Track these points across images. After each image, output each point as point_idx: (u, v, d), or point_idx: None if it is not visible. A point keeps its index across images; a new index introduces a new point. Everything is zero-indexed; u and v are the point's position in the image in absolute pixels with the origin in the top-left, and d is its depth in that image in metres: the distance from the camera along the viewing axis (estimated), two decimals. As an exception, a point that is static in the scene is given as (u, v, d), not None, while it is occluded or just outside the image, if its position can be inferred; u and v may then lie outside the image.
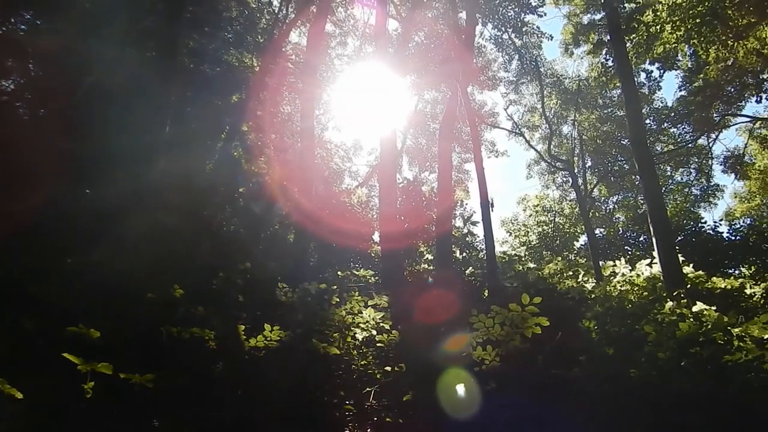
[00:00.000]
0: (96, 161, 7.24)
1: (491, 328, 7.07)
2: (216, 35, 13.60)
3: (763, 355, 6.12)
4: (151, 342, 5.70)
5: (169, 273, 7.08)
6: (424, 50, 24.47)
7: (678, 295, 10.85)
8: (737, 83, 24.17)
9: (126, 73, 7.66)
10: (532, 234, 34.29)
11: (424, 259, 19.61)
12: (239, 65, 15.30)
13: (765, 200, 33.48)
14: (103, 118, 7.45)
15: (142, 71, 8.07)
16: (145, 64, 8.43)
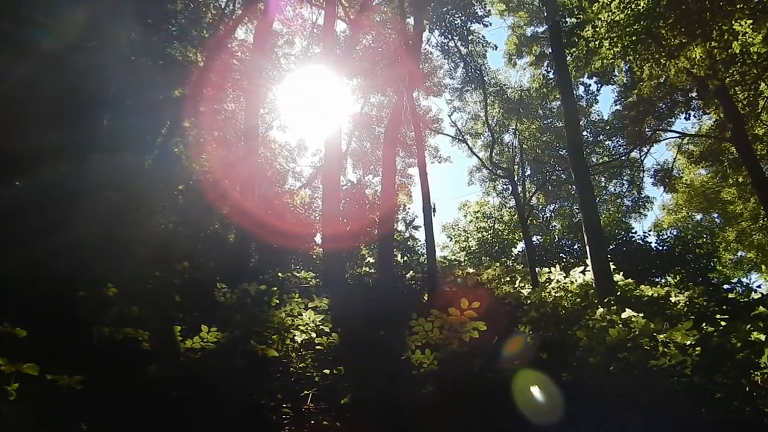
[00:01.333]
0: (23, 156, 6.95)
1: (430, 332, 7.15)
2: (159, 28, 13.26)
3: (685, 360, 6.42)
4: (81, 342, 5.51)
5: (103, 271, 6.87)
6: (371, 53, 24.55)
7: (609, 302, 11.25)
8: (668, 100, 25.29)
9: (60, 65, 7.37)
10: (472, 239, 34.85)
11: (366, 262, 19.66)
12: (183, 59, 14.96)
13: (690, 213, 35.12)
14: (32, 111, 7.14)
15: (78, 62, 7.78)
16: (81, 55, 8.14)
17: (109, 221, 7.77)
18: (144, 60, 12.29)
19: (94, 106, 7.71)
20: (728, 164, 26.95)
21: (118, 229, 8.05)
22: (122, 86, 10.09)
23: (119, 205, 8.56)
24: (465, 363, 7.19)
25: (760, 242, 31.58)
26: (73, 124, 7.12)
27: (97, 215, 7.32)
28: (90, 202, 7.13)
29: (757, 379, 6.71)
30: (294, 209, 23.31)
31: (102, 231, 7.48)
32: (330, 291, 12.27)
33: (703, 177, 32.04)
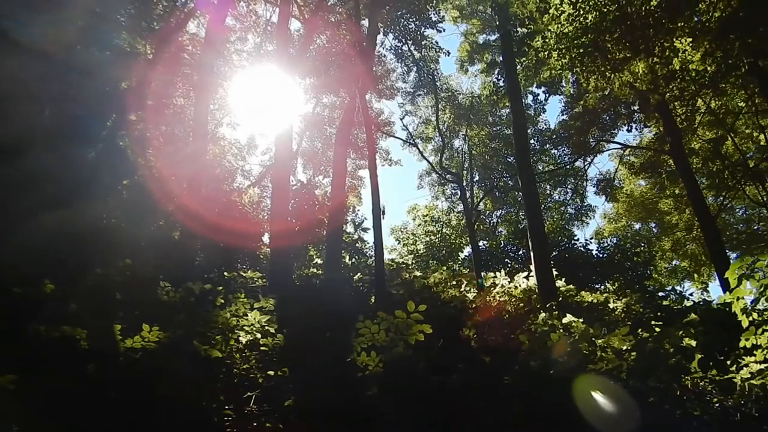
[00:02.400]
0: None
1: (376, 335, 7.18)
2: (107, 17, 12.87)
3: (621, 365, 6.65)
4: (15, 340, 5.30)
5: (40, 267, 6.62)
6: (325, 54, 24.45)
7: (550, 307, 11.54)
8: (612, 112, 26.12)
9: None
10: (420, 243, 35.14)
11: (314, 263, 19.57)
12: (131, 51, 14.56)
13: (630, 222, 36.34)
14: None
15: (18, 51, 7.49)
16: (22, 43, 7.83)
17: (47, 216, 7.50)
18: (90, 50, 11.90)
19: (34, 97, 7.43)
20: (666, 176, 28.05)
21: (57, 224, 7.77)
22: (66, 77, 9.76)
23: (59, 199, 8.26)
24: (410, 365, 7.25)
25: (693, 252, 32.92)
26: (9, 116, 6.85)
27: (34, 209, 7.07)
28: (28, 197, 6.87)
29: (687, 384, 7.00)
30: (242, 208, 22.98)
31: (39, 226, 7.21)
32: (276, 291, 12.16)
33: (643, 188, 33.22)
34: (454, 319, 11.95)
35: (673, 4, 12.09)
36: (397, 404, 6.41)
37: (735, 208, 32.75)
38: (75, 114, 10.20)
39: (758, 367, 6.80)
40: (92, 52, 12.21)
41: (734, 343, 7.33)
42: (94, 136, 11.75)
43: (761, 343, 6.85)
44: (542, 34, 16.20)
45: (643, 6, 12.58)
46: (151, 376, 6.16)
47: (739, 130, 26.74)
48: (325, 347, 8.30)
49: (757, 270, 6.97)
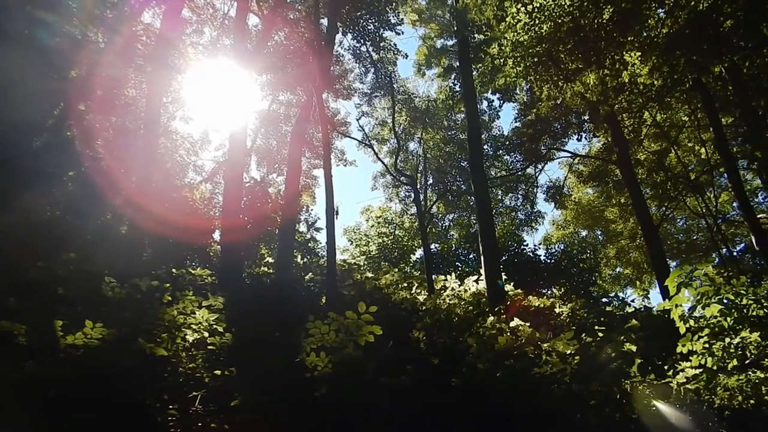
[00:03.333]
0: None
1: (326, 335, 7.17)
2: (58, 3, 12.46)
3: (565, 368, 6.82)
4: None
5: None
6: (283, 51, 24.23)
7: (498, 310, 11.73)
8: (563, 121, 26.74)
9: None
10: (373, 244, 35.19)
11: (265, 262, 19.37)
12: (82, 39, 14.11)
13: (577, 229, 37.28)
14: None
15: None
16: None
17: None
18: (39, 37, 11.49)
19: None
20: (612, 185, 28.86)
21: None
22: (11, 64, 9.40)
23: (0, 189, 7.96)
24: (359, 366, 7.26)
25: (636, 260, 33.98)
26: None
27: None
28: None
29: (626, 387, 7.24)
30: (193, 204, 22.56)
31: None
32: (226, 290, 12.01)
33: (590, 196, 34.11)
34: (405, 320, 12.01)
35: (624, 19, 12.44)
36: (345, 405, 6.41)
37: (676, 219, 33.98)
38: (19, 102, 9.84)
39: (693, 372, 7.09)
40: (41, 39, 11.80)
41: (672, 348, 7.62)
42: (39, 125, 11.35)
43: (696, 349, 7.14)
44: (498, 41, 16.44)
45: (596, 19, 12.90)
46: (92, 373, 6.00)
47: (682, 144, 27.79)
48: (275, 347, 8.24)
49: (695, 279, 7.26)
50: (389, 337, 8.40)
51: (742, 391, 6.94)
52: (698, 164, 27.83)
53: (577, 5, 12.56)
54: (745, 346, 6.96)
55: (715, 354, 6.99)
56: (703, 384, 7.00)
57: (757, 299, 6.88)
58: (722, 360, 6.98)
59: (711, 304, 7.06)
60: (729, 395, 7.02)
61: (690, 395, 6.91)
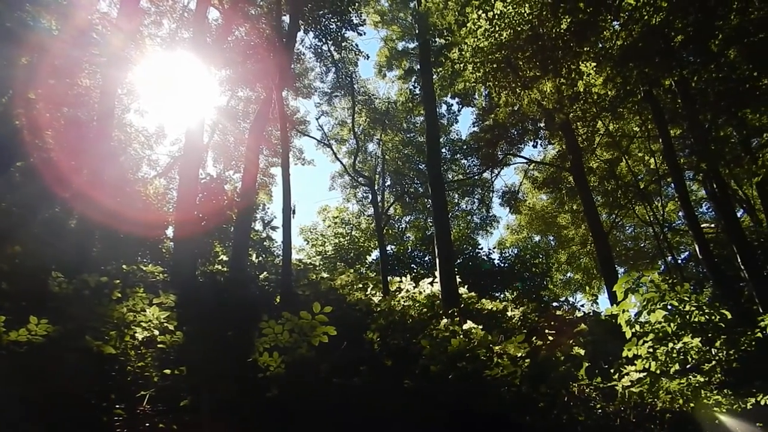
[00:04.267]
0: None
1: (280, 335, 7.11)
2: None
3: (516, 371, 6.94)
4: None
5: None
6: (243, 46, 23.92)
7: (452, 313, 11.84)
8: (520, 127, 27.20)
9: None
10: (329, 244, 35.09)
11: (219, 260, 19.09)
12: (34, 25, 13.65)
13: (530, 234, 37.97)
14: None
15: None
16: None
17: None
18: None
19: None
20: (566, 192, 29.52)
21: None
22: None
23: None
24: (312, 367, 7.23)
25: (586, 265, 34.84)
26: None
27: None
28: None
29: (574, 390, 7.42)
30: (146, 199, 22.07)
31: None
32: (178, 287, 11.79)
33: (544, 202, 34.80)
34: (359, 321, 12.01)
35: (580, 29, 12.72)
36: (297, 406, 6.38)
37: (625, 226, 35.00)
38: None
39: (637, 376, 7.31)
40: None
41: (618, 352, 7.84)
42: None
43: (641, 354, 7.37)
44: (459, 46, 16.58)
45: (554, 28, 13.15)
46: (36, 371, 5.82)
47: (633, 153, 28.66)
48: (227, 347, 8.14)
49: (642, 285, 7.50)
50: (343, 338, 8.39)
51: (683, 395, 7.19)
52: (647, 174, 28.73)
53: (536, 14, 12.79)
54: (686, 351, 7.22)
55: (659, 358, 7.24)
56: (647, 387, 7.22)
57: (699, 306, 7.15)
58: (665, 364, 7.23)
59: (656, 310, 7.30)
60: (671, 398, 7.27)
61: (634, 398, 7.12)
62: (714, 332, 7.30)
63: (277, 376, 6.84)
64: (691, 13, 11.27)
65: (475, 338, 7.84)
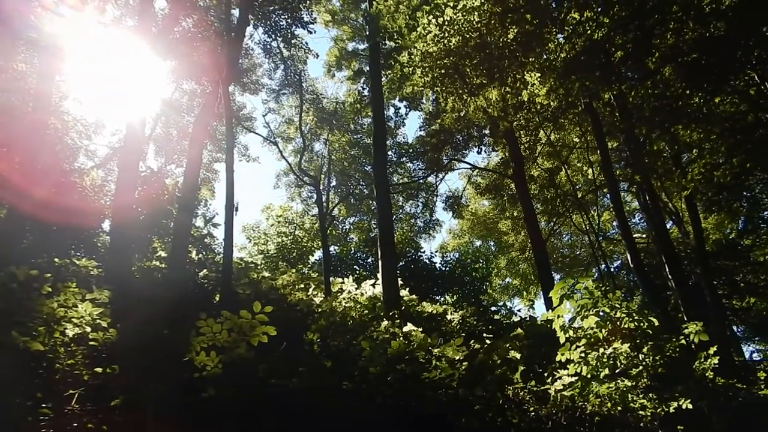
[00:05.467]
0: None
1: (218, 334, 7.00)
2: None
3: (453, 374, 7.04)
4: None
5: None
6: (190, 38, 23.35)
7: (393, 315, 11.93)
8: (465, 133, 27.65)
9: None
10: (272, 243, 34.67)
11: (157, 256, 18.59)
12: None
13: (472, 239, 38.64)
14: None
15: None
16: None
17: None
18: None
19: None
20: (507, 199, 30.21)
21: None
22: None
23: None
24: (250, 368, 7.15)
25: (524, 271, 35.75)
26: None
27: None
28: None
29: (509, 393, 7.59)
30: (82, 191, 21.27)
31: None
32: (113, 283, 11.43)
33: (486, 208, 35.49)
34: (300, 322, 11.95)
35: (527, 40, 13.03)
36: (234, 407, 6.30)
37: (562, 234, 36.08)
38: None
39: (569, 380, 7.55)
40: None
41: (553, 357, 8.08)
42: None
43: (574, 358, 7.62)
44: (409, 50, 16.73)
45: (501, 38, 13.44)
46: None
47: (572, 163, 29.59)
48: (162, 345, 7.94)
49: (577, 291, 7.75)
50: (283, 339, 8.33)
51: (611, 398, 7.48)
52: (585, 184, 29.72)
53: (484, 23, 13.04)
54: (616, 356, 7.50)
55: (590, 363, 7.50)
56: (578, 391, 7.47)
57: (629, 313, 7.45)
58: (596, 369, 7.50)
59: (589, 316, 7.56)
60: (600, 402, 7.54)
61: (566, 401, 7.35)
62: (642, 338, 7.61)
63: (214, 376, 6.73)
64: (630, 31, 11.71)
65: (414, 341, 7.92)
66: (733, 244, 26.06)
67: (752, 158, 13.49)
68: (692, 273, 24.02)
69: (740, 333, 28.60)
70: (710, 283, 18.44)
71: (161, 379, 6.66)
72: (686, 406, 7.16)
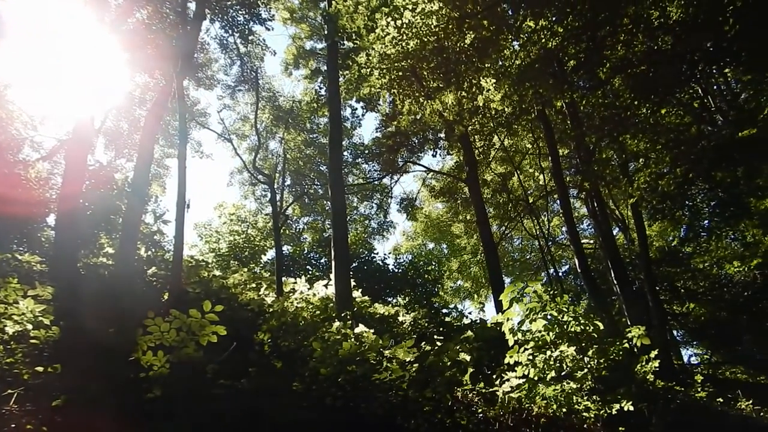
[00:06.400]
0: None
1: (166, 333, 6.88)
2: None
3: (404, 375, 7.09)
4: None
5: None
6: (144, 30, 22.82)
7: (345, 316, 11.92)
8: (421, 136, 27.86)
9: None
10: (224, 242, 34.14)
11: (104, 252, 18.10)
12: None
13: (425, 241, 38.95)
14: None
15: None
16: None
17: None
18: None
19: None
20: (460, 202, 30.58)
21: None
22: None
23: None
24: (198, 368, 7.05)
25: (476, 274, 36.20)
26: None
27: None
28: None
29: (458, 395, 7.68)
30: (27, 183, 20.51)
31: None
32: (57, 279, 11.10)
33: (440, 211, 35.85)
34: (251, 322, 11.83)
35: (483, 46, 13.21)
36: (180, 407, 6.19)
37: (513, 238, 36.72)
38: None
39: (517, 382, 7.69)
40: None
41: (502, 359, 8.22)
42: None
43: (522, 360, 7.76)
44: (367, 51, 16.73)
45: (459, 42, 13.58)
46: None
47: (524, 169, 30.16)
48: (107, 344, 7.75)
49: (526, 295, 7.91)
50: (233, 339, 8.24)
51: (557, 400, 7.65)
52: (536, 189, 30.32)
53: (442, 27, 13.14)
54: (562, 359, 7.68)
55: (537, 365, 7.65)
56: (525, 393, 7.61)
57: (575, 317, 7.64)
58: (543, 371, 7.66)
59: (537, 320, 7.72)
60: (546, 404, 7.70)
61: (513, 403, 7.48)
62: (587, 342, 7.82)
63: (160, 376, 6.60)
64: (583, 41, 12.01)
65: (366, 342, 7.94)
66: (675, 251, 26.98)
67: (694, 169, 14.01)
68: (636, 278, 24.79)
69: (680, 337, 29.60)
70: (653, 289, 19.04)
71: (105, 379, 6.50)
72: (628, 408, 7.38)
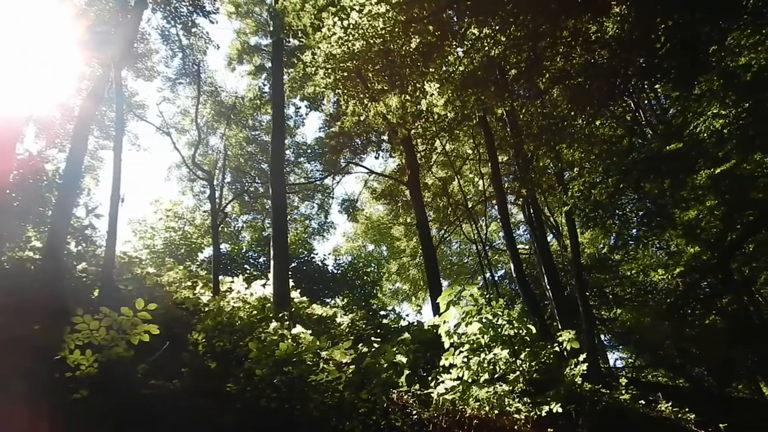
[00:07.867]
0: None
1: (95, 332, 6.64)
2: None
3: (340, 377, 7.08)
4: None
5: None
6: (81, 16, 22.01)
7: (282, 316, 11.81)
8: (364, 138, 27.96)
9: None
10: (159, 238, 33.24)
11: (31, 246, 17.30)
12: None
13: (365, 243, 39.06)
14: None
15: None
16: None
17: None
18: None
19: None
20: (401, 205, 30.85)
21: None
22: None
23: None
24: (129, 368, 6.83)
25: (414, 277, 36.54)
26: None
27: None
28: None
29: (393, 397, 7.73)
30: (-55, 172, 19.42)
31: None
32: (-23, 274, 10.56)
33: (381, 213, 36.04)
34: (185, 321, 11.57)
35: (428, 51, 13.34)
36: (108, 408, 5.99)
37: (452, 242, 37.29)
38: None
39: (452, 384, 7.81)
40: None
41: (437, 361, 8.33)
42: None
43: (457, 363, 7.89)
44: (312, 50, 16.62)
45: (404, 46, 13.68)
46: None
47: (465, 174, 30.71)
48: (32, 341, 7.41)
49: (463, 298, 8.05)
50: (166, 338, 8.03)
51: (489, 402, 7.81)
52: (476, 194, 30.90)
53: (389, 30, 13.21)
54: (496, 361, 7.85)
55: (472, 368, 7.80)
56: (459, 395, 7.74)
57: (509, 320, 7.83)
58: (477, 373, 7.81)
59: (473, 323, 7.86)
60: (479, 405, 7.85)
61: (447, 405, 7.59)
62: (520, 345, 8.02)
63: (88, 376, 6.36)
64: (524, 51, 12.33)
65: (303, 343, 7.88)
66: (605, 258, 28.00)
67: (625, 179, 14.58)
68: (568, 284, 25.55)
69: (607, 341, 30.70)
70: (583, 294, 19.67)
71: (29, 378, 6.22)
72: (557, 409, 7.60)
